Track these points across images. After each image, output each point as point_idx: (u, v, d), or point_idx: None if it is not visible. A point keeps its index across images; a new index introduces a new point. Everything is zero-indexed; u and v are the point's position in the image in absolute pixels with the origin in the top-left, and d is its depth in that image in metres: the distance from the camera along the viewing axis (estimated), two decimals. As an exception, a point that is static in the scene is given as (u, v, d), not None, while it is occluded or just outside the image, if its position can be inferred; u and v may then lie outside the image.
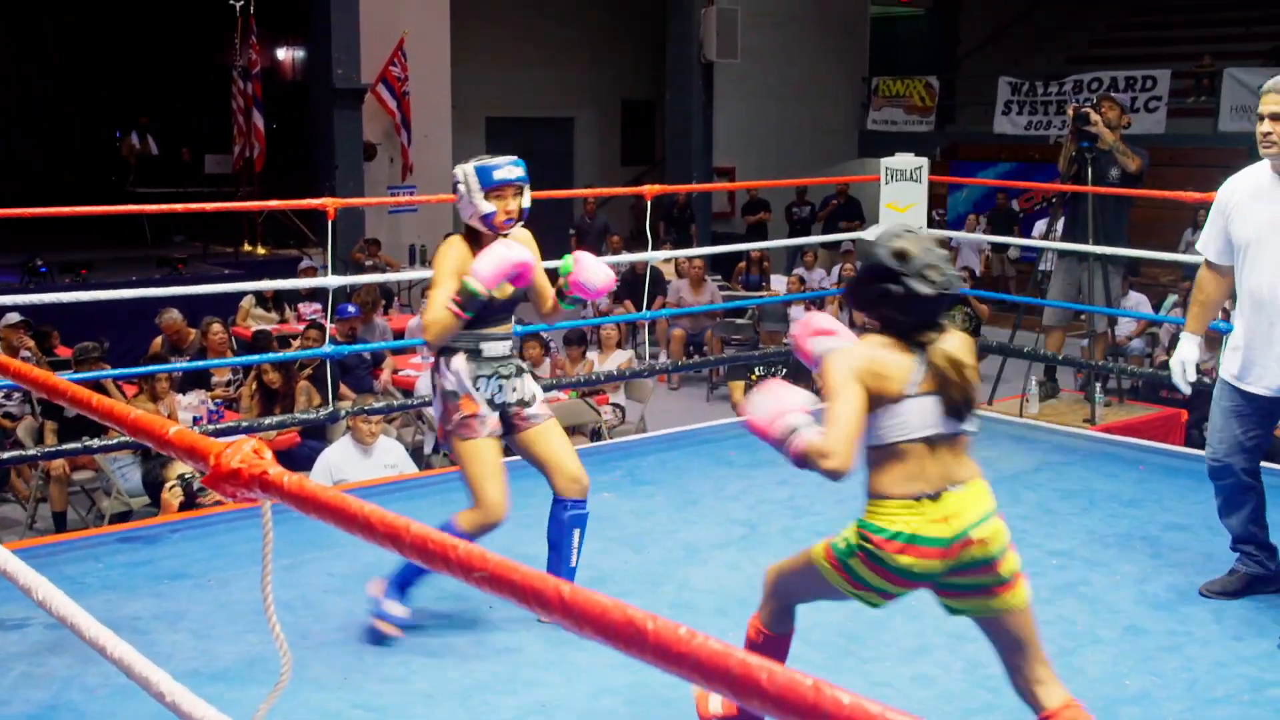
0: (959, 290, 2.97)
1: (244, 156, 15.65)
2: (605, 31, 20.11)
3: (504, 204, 4.07)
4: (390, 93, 15.36)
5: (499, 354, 4.15)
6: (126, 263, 14.56)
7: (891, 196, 7.39)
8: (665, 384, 12.21)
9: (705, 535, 5.20)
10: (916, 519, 2.92)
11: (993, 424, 7.22)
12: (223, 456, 1.66)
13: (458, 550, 1.46)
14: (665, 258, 8.52)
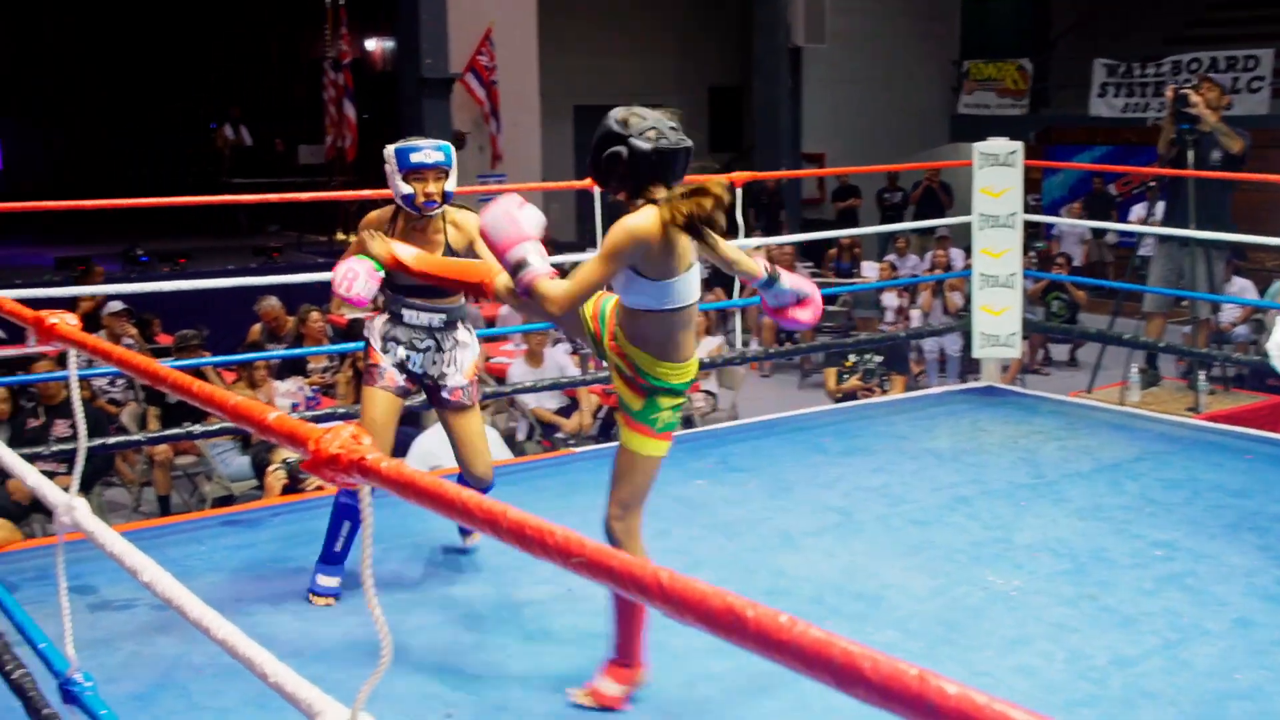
0: (685, 145, 3.34)
1: (336, 146, 15.83)
2: (692, 17, 20.05)
3: (423, 186, 4.24)
4: (479, 82, 15.44)
5: (418, 323, 4.38)
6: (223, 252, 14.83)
7: (985, 182, 7.27)
8: (757, 371, 12.16)
9: (799, 523, 5.16)
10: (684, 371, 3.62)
11: (1092, 412, 7.09)
12: (321, 442, 1.66)
13: (555, 536, 1.44)
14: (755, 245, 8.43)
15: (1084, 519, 5.17)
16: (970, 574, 4.58)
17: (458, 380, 4.41)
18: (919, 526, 5.10)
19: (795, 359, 12.07)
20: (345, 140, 15.64)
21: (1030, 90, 19.43)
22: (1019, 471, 5.86)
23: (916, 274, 13.30)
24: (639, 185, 3.37)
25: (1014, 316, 7.35)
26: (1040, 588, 4.44)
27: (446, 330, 4.41)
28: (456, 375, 4.41)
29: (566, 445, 8.12)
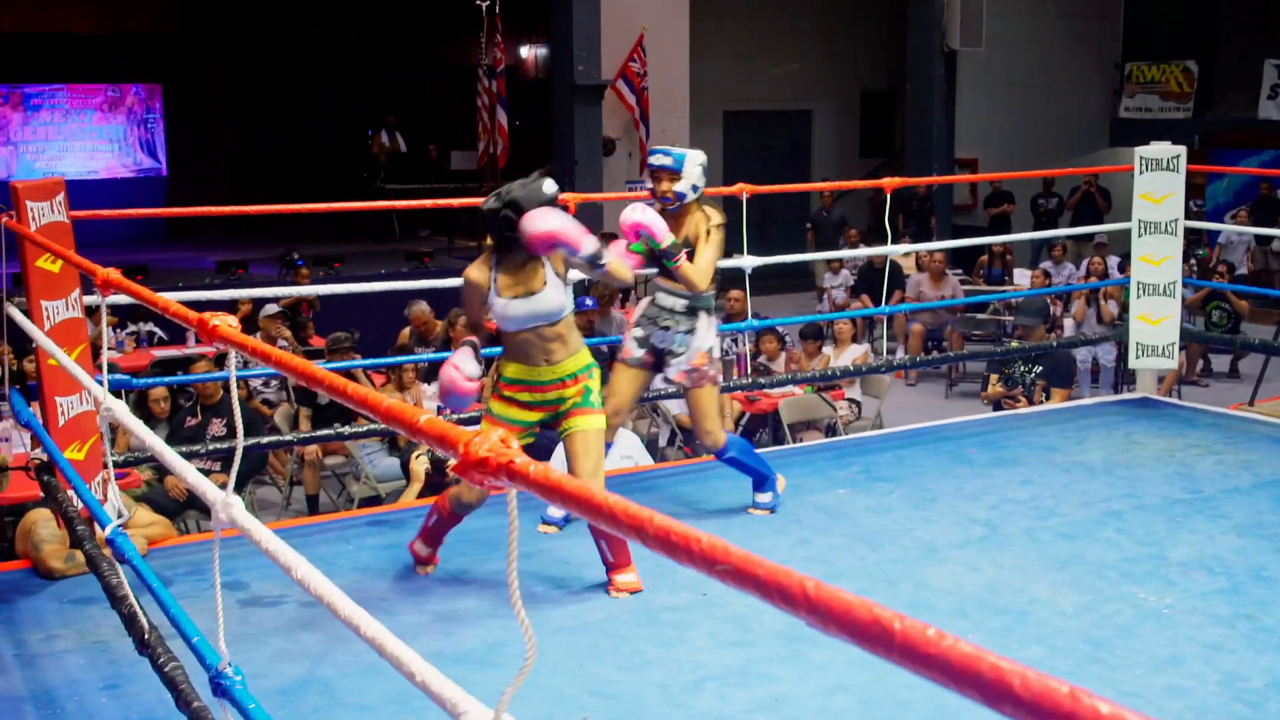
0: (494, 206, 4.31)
1: (488, 153, 16.09)
2: (844, 21, 19.92)
3: (658, 185, 5.12)
4: (629, 88, 15.56)
5: (665, 305, 5.16)
6: (376, 256, 15.16)
7: (1146, 187, 7.11)
8: (903, 380, 12.03)
9: (944, 534, 5.11)
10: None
11: (1254, 425, 6.88)
12: (471, 445, 1.71)
13: (700, 543, 1.46)
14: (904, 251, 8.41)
15: (1242, 536, 5.03)
16: (1120, 591, 4.49)
17: (682, 365, 5.13)
18: (1068, 541, 5.01)
19: (942, 368, 11.91)
20: (497, 147, 15.88)
21: (1195, 93, 18.88)
22: (1174, 486, 5.72)
23: (1072, 282, 13.03)
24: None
25: (1173, 326, 7.17)
26: (1194, 606, 4.33)
27: (686, 315, 5.12)
28: (683, 360, 5.12)
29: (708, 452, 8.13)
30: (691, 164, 5.07)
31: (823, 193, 16.56)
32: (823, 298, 14.69)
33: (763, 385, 7.41)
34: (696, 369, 5.12)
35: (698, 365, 5.11)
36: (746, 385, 7.19)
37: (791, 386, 8.32)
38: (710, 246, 5.09)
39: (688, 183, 5.07)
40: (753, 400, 8.63)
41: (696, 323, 5.14)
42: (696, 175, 5.08)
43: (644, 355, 5.21)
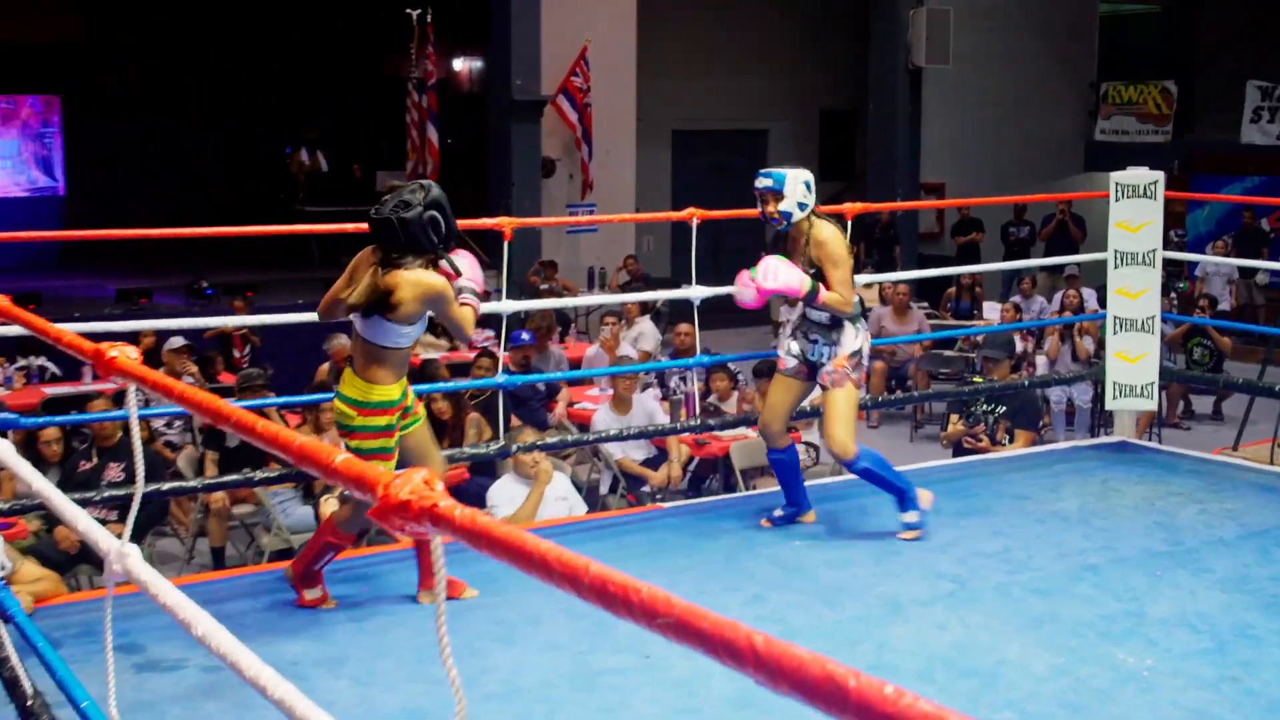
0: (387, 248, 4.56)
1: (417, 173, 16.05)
2: (802, 37, 20.10)
3: (764, 206, 5.65)
4: (571, 105, 15.60)
5: (813, 319, 5.76)
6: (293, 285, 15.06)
7: (1122, 215, 7.20)
8: (864, 421, 12.08)
9: (908, 590, 5.12)
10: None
11: (1238, 472, 6.96)
12: (391, 487, 1.70)
13: (641, 594, 1.46)
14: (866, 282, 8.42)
15: (1227, 591, 5.08)
16: (1098, 651, 4.51)
17: (827, 368, 5.69)
18: (1041, 597, 5.04)
19: (906, 408, 11.98)
20: (427, 166, 15.86)
21: (1174, 115, 19.20)
22: (1154, 537, 5.77)
23: (1044, 317, 13.17)
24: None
25: (1151, 364, 7.26)
26: (1176, 668, 4.36)
27: (831, 328, 5.70)
28: (828, 364, 5.69)
29: (653, 500, 8.13)
30: (794, 183, 5.55)
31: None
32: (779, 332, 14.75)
33: (713, 427, 7.42)
34: (838, 370, 5.65)
35: (839, 366, 5.66)
36: (695, 427, 7.20)
37: (744, 429, 8.33)
38: (838, 266, 5.57)
39: (792, 201, 5.56)
40: (702, 444, 8.63)
41: (841, 334, 5.69)
42: (801, 193, 5.57)
43: (798, 366, 5.80)
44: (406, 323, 4.61)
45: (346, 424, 4.69)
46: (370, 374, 4.64)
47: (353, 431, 4.68)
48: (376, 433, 4.68)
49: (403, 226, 4.53)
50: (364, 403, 4.64)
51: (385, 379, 4.66)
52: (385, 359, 4.65)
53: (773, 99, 20.12)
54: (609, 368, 9.55)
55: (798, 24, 20.05)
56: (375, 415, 4.65)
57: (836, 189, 20.16)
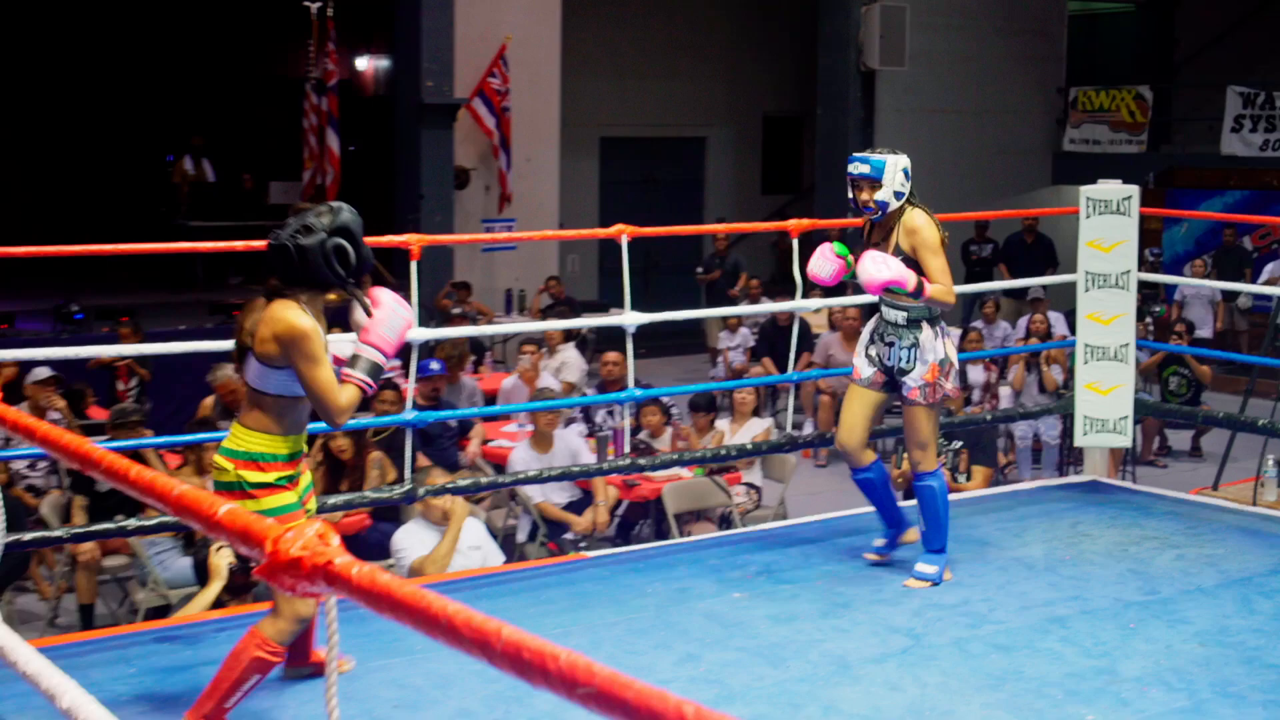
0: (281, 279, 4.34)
1: (315, 184, 15.97)
2: (744, 36, 20.24)
3: (859, 194, 5.77)
4: (488, 109, 15.60)
5: (889, 319, 5.84)
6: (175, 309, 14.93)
7: (1093, 232, 7.30)
8: (811, 459, 12.14)
9: (858, 647, 5.15)
10: None
11: (1218, 514, 7.06)
12: (281, 542, 1.70)
13: (559, 661, 1.47)
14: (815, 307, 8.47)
15: (1206, 645, 5.15)
16: (1065, 712, 4.56)
17: (915, 380, 5.76)
18: (1004, 653, 5.09)
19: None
20: (326, 176, 15.78)
21: (1150, 123, 19.48)
22: (1128, 586, 5.84)
23: (1008, 344, 13.31)
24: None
25: (1125, 397, 7.35)
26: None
27: (908, 328, 5.77)
28: (915, 375, 5.76)
29: (577, 548, 8.13)
30: (893, 169, 5.68)
31: (715, 236, 16.69)
32: (717, 361, 14.82)
33: (643, 467, 7.43)
34: (930, 384, 5.75)
35: (930, 380, 5.74)
36: (625, 467, 7.21)
37: (678, 468, 8.35)
38: (937, 254, 5.71)
39: (889, 190, 5.69)
40: (631, 485, 8.64)
41: (920, 334, 5.78)
42: (899, 181, 5.71)
43: (874, 374, 5.93)
44: (275, 365, 4.33)
45: (220, 480, 4.38)
46: (249, 420, 4.38)
47: (227, 490, 4.34)
48: (261, 490, 4.35)
49: (300, 254, 4.30)
50: (241, 453, 4.35)
51: (268, 427, 4.37)
52: (265, 407, 4.37)
53: (711, 103, 20.22)
54: (528, 402, 9.54)
55: (738, 21, 20.18)
56: (254, 469, 4.34)
57: (781, 202, 20.31)
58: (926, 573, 5.81)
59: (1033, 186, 19.75)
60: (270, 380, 4.35)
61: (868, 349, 5.97)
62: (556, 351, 11.86)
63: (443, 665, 4.79)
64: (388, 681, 4.75)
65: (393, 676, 4.80)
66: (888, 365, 5.87)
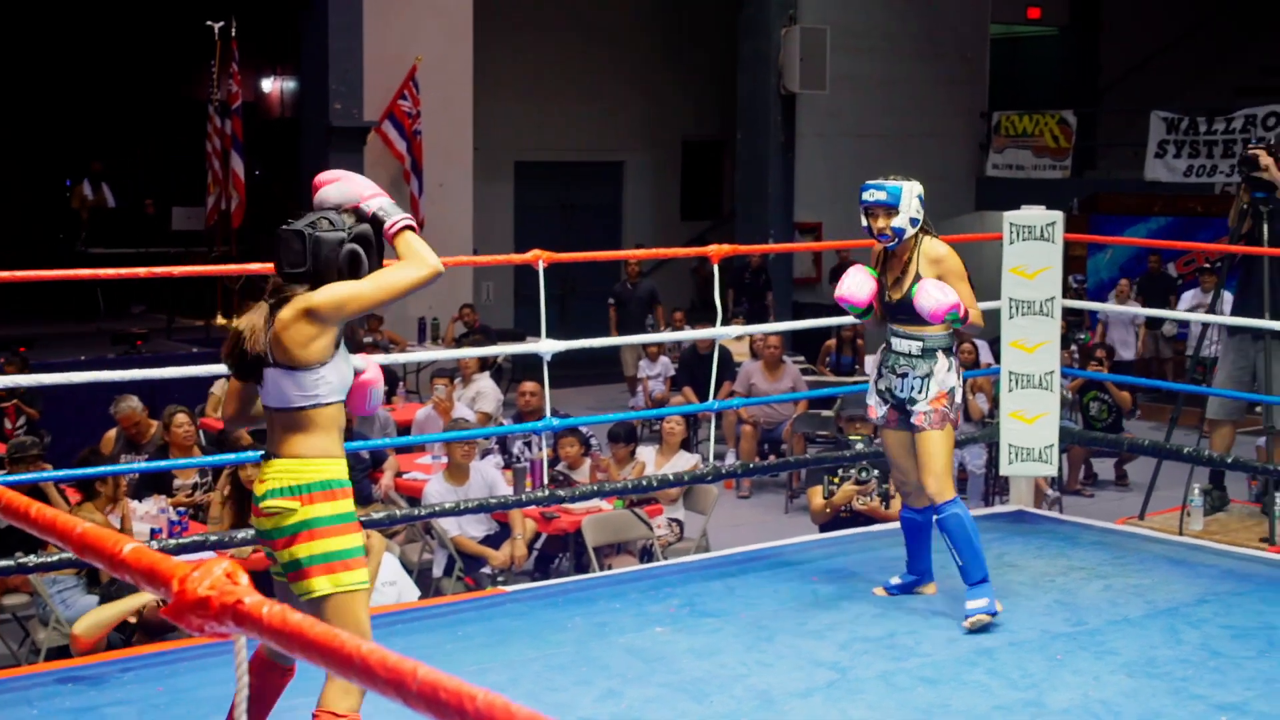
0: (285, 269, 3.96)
1: (219, 209, 15.87)
2: (663, 59, 20.31)
3: (874, 221, 5.84)
4: (399, 132, 15.57)
5: (901, 350, 5.85)
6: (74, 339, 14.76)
7: (1017, 259, 7.38)
8: (733, 491, 12.18)
9: (783, 681, 5.17)
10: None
11: (1145, 543, 7.15)
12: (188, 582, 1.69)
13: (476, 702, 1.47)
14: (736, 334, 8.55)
15: (1133, 676, 5.21)
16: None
17: (922, 406, 5.77)
18: (930, 686, 5.12)
19: (781, 476, 12.10)
20: (231, 201, 15.69)
21: (1073, 148, 19.73)
22: (1054, 617, 5.89)
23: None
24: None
25: (1050, 425, 7.43)
26: (1079, 763, 4.46)
27: (923, 358, 5.79)
28: (922, 402, 5.77)
29: (494, 583, 8.10)
30: (909, 196, 5.75)
31: (627, 262, 16.68)
32: (636, 391, 14.84)
33: (562, 499, 7.43)
34: (936, 410, 5.75)
35: (937, 407, 5.75)
36: (542, 499, 7.20)
37: (598, 500, 8.35)
38: (963, 280, 5.76)
39: (905, 216, 5.74)
40: (550, 518, 8.63)
41: (935, 364, 5.79)
42: (916, 208, 5.77)
43: (888, 413, 5.93)
44: (317, 362, 3.94)
45: (281, 526, 3.92)
46: (302, 447, 3.96)
47: (289, 534, 3.91)
48: (339, 525, 3.94)
49: (315, 245, 3.93)
50: (308, 485, 3.92)
51: (328, 449, 3.98)
52: (317, 423, 3.96)
53: (629, 128, 20.28)
54: (443, 433, 9.51)
55: (657, 44, 20.26)
56: (328, 500, 3.93)
57: (701, 229, 20.38)
58: (979, 607, 5.66)
59: (956, 212, 19.93)
60: (306, 388, 3.95)
61: (877, 384, 5.96)
62: (471, 381, 11.83)
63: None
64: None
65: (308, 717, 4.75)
66: (899, 398, 5.85)
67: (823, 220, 18.88)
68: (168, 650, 5.63)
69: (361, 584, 3.95)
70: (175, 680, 5.17)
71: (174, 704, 4.90)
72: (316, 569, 3.88)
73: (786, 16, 17.82)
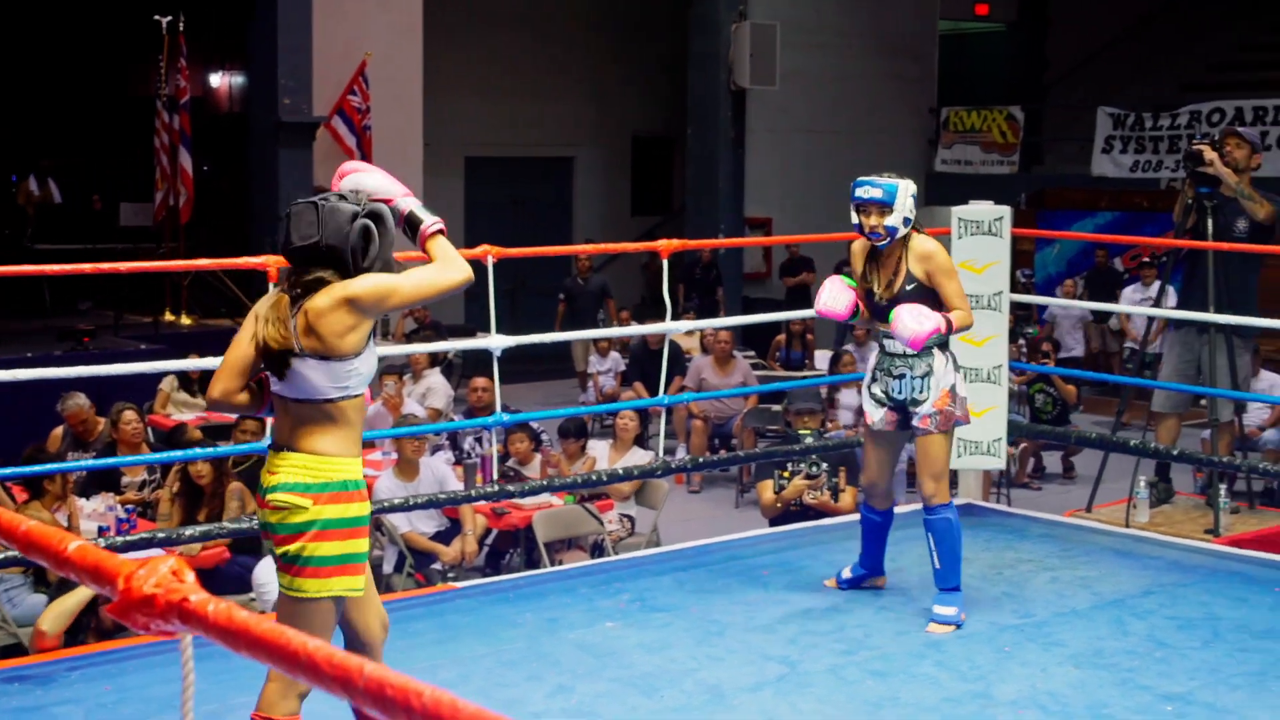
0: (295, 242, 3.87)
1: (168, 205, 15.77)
2: (612, 54, 20.31)
3: (867, 219, 5.71)
4: (348, 127, 15.51)
5: (895, 350, 5.78)
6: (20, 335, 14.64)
7: (965, 254, 7.41)
8: (684, 485, 12.20)
9: (733, 675, 5.18)
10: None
11: (1092, 535, 7.20)
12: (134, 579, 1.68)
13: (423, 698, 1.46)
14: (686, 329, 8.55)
15: (1080, 667, 5.25)
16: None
17: (926, 409, 5.72)
18: (880, 679, 5.14)
19: (731, 471, 12.12)
20: (179, 197, 15.58)
21: (1021, 144, 19.84)
22: (1002, 610, 5.93)
23: (883, 366, 13.43)
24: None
25: (999, 419, 7.47)
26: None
27: (919, 357, 5.72)
28: (926, 405, 5.72)
29: (445, 579, 8.09)
30: (904, 194, 5.64)
31: (578, 256, 16.68)
32: (587, 386, 14.83)
33: (512, 495, 7.42)
34: (941, 411, 5.70)
35: (941, 407, 5.70)
36: (493, 495, 7.19)
37: (548, 496, 8.35)
38: (952, 277, 5.71)
39: (899, 215, 5.63)
40: (500, 514, 8.62)
41: (933, 361, 5.73)
42: (909, 207, 5.65)
43: (885, 415, 5.87)
44: (351, 352, 3.87)
45: (290, 523, 3.86)
46: (322, 443, 3.88)
47: (294, 532, 3.84)
48: (347, 529, 3.87)
49: (328, 216, 3.83)
50: (324, 484, 3.85)
51: (347, 448, 3.92)
52: (338, 418, 3.90)
53: (579, 123, 20.27)
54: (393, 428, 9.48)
55: (607, 40, 20.25)
56: (341, 503, 3.87)
57: (651, 224, 20.38)
58: (946, 615, 5.64)
59: (905, 207, 19.99)
60: (338, 378, 3.89)
61: (871, 388, 5.90)
62: (422, 377, 11.80)
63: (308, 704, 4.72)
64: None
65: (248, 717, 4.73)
66: (898, 399, 5.80)
67: (773, 215, 18.93)
68: (116, 649, 5.60)
69: (356, 590, 3.91)
70: (124, 679, 5.13)
71: (122, 703, 4.87)
72: (311, 571, 3.84)
73: (736, 13, 17.85)
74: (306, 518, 3.82)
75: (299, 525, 3.82)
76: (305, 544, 3.82)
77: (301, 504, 3.82)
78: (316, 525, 3.82)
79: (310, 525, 3.82)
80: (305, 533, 3.82)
